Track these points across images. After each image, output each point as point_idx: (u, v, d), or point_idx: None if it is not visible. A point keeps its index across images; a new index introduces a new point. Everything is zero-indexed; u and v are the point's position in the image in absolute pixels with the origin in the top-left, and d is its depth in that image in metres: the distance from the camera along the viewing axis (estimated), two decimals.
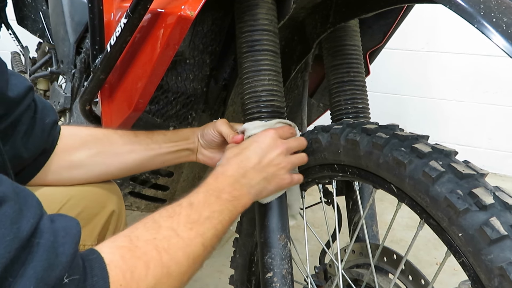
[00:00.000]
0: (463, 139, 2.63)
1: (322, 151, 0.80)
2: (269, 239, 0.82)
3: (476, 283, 0.56)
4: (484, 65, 2.45)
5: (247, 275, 1.08)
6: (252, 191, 0.74)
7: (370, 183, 0.73)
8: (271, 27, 0.86)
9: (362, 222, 0.80)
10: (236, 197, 0.70)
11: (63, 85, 1.51)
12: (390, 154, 0.64)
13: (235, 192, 0.70)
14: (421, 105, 2.67)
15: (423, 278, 0.75)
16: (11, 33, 1.90)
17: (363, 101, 0.98)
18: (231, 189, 0.70)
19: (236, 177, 0.72)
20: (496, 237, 0.51)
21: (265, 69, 0.85)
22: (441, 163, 0.59)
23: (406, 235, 1.95)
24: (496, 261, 0.51)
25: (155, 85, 0.87)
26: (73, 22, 1.32)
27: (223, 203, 0.68)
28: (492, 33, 0.53)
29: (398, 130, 0.69)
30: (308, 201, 0.95)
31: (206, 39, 1.00)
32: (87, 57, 1.26)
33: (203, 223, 0.63)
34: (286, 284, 0.80)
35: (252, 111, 0.85)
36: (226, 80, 1.08)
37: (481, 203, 0.53)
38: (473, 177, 0.57)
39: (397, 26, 1.09)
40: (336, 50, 1.00)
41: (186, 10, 0.77)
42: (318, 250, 1.01)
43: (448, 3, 0.57)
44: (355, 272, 0.89)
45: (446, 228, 0.58)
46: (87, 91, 0.98)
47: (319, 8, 1.01)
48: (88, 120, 1.08)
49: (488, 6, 0.55)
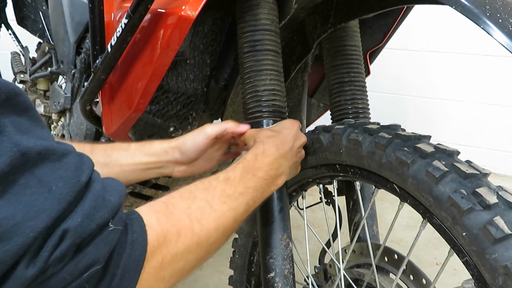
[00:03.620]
0: (463, 139, 2.63)
1: (324, 151, 0.80)
2: (270, 239, 0.82)
3: (479, 282, 0.56)
4: (484, 65, 2.45)
5: (247, 276, 1.08)
6: (286, 172, 0.77)
7: (372, 183, 0.73)
8: (272, 27, 0.86)
9: (363, 222, 0.80)
10: (272, 176, 0.73)
11: (63, 85, 1.51)
12: (393, 154, 0.64)
13: (271, 172, 0.72)
14: (421, 105, 2.67)
15: (424, 278, 0.75)
16: (11, 33, 1.90)
17: (363, 101, 0.98)
18: (268, 168, 0.72)
19: (276, 156, 0.74)
20: (500, 236, 0.51)
21: (267, 69, 0.85)
22: (444, 163, 0.59)
23: (406, 235, 1.95)
24: (500, 260, 0.51)
25: (156, 85, 0.87)
26: (73, 22, 1.32)
27: (258, 181, 0.70)
28: (498, 34, 0.53)
29: (400, 130, 0.69)
30: (308, 201, 0.95)
31: (207, 39, 1.00)
32: (87, 57, 1.26)
33: (237, 199, 0.65)
34: (288, 284, 0.80)
35: (254, 110, 0.85)
36: (226, 80, 1.07)
37: (485, 202, 0.53)
38: (477, 176, 0.57)
39: (397, 26, 1.09)
40: (336, 51, 1.00)
41: (186, 11, 0.77)
42: (318, 250, 1.01)
43: (454, 4, 0.57)
44: (356, 272, 0.89)
45: (449, 227, 0.58)
46: (88, 91, 0.97)
47: (320, 8, 1.01)
48: (89, 120, 1.08)
49: (494, 7, 0.55)
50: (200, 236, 0.57)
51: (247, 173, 0.69)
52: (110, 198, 0.46)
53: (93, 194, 0.44)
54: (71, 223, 0.41)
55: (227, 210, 0.63)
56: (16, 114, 0.40)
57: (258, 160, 0.72)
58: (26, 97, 0.43)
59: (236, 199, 0.65)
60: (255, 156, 0.72)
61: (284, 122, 0.81)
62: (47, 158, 0.41)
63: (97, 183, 0.46)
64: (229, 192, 0.65)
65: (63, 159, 0.43)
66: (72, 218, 0.41)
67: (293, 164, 0.79)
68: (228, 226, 0.63)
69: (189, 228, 0.56)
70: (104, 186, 0.47)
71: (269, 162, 0.73)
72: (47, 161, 0.41)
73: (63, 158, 0.43)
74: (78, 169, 0.44)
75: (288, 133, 0.78)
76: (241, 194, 0.66)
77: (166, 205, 0.57)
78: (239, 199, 0.65)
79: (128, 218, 0.49)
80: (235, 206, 0.64)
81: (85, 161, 0.46)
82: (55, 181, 0.41)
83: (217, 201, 0.62)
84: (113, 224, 0.45)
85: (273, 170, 0.73)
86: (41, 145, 0.41)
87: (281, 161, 0.75)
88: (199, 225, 0.57)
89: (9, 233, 0.37)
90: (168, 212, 0.55)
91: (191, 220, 0.57)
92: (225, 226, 0.62)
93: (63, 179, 0.42)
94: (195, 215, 0.58)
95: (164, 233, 0.52)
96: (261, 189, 0.70)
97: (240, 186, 0.67)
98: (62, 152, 0.43)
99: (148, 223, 0.50)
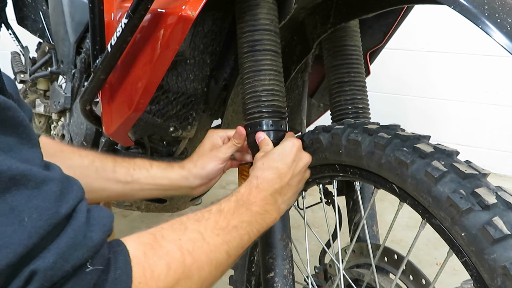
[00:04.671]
0: (463, 139, 2.63)
1: (323, 151, 0.79)
2: (270, 239, 0.82)
3: (478, 282, 0.56)
4: (484, 65, 2.45)
5: (247, 276, 1.08)
6: (282, 206, 0.74)
7: (371, 183, 0.73)
8: (272, 27, 0.86)
9: (363, 222, 0.80)
10: (268, 211, 0.70)
11: (63, 85, 1.51)
12: (392, 154, 0.64)
13: (267, 207, 0.70)
14: (421, 105, 2.67)
15: (424, 278, 0.75)
16: (11, 33, 1.89)
17: (363, 101, 0.98)
18: (264, 203, 0.69)
19: (271, 192, 0.71)
20: (499, 237, 0.51)
21: (266, 69, 0.85)
22: (443, 163, 0.59)
23: (406, 235, 1.95)
24: (499, 260, 0.51)
25: (156, 85, 0.87)
26: (73, 22, 1.32)
27: (253, 215, 0.67)
28: (497, 34, 0.53)
29: (400, 130, 0.69)
30: (308, 201, 0.95)
31: (207, 39, 1.00)
32: (87, 57, 1.26)
33: (230, 231, 0.62)
34: (287, 284, 0.80)
35: (253, 111, 0.85)
36: (226, 80, 1.07)
37: (484, 202, 0.53)
38: (476, 177, 0.57)
39: (398, 26, 1.09)
40: (336, 51, 1.00)
41: (186, 10, 0.76)
42: (318, 250, 1.01)
43: (452, 3, 0.57)
44: (355, 272, 0.89)
45: (448, 227, 0.58)
46: (88, 91, 0.97)
47: (320, 8, 1.00)
48: (89, 120, 1.08)
49: (493, 7, 0.55)
50: (192, 269, 0.54)
51: (241, 207, 0.66)
52: (92, 234, 0.42)
53: (72, 229, 0.41)
54: (41, 263, 0.37)
55: (220, 243, 0.60)
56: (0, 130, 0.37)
57: (252, 194, 0.69)
58: (18, 112, 0.40)
59: (230, 232, 0.62)
60: (249, 190, 0.70)
61: (285, 145, 0.77)
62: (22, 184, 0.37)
63: (80, 215, 0.42)
64: (223, 225, 0.62)
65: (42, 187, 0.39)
66: (43, 257, 0.37)
67: (293, 194, 0.76)
68: (221, 260, 0.60)
69: (180, 261, 0.53)
70: (89, 219, 0.43)
71: (264, 197, 0.70)
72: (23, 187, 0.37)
73: (42, 185, 0.39)
74: (59, 199, 0.40)
75: (287, 158, 0.75)
76: (234, 227, 0.63)
77: (155, 237, 0.53)
78: (233, 232, 0.63)
79: (113, 251, 0.46)
80: (228, 239, 0.61)
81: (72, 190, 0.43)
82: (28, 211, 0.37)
83: (209, 233, 0.59)
84: (92, 264, 0.41)
85: (269, 205, 0.70)
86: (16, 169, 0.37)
87: (276, 196, 0.72)
88: (191, 258, 0.54)
89: None
90: (156, 245, 0.52)
91: (182, 253, 0.54)
92: (217, 259, 0.59)
93: (38, 210, 0.38)
94: (187, 247, 0.55)
95: (152, 268, 0.49)
96: (256, 223, 0.68)
97: (234, 219, 0.64)
98: (42, 179, 0.39)
99: (133, 257, 0.47)
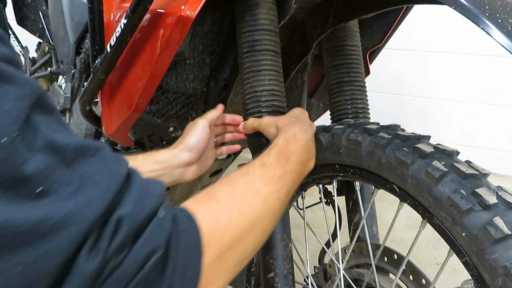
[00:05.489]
0: (463, 139, 2.63)
1: (323, 151, 0.79)
2: (270, 239, 0.81)
3: (479, 282, 0.55)
4: (484, 65, 2.45)
5: (247, 276, 1.07)
6: (315, 155, 0.78)
7: (371, 183, 0.73)
8: (271, 27, 0.86)
9: (363, 222, 0.80)
10: (305, 160, 0.73)
11: (63, 85, 1.51)
12: (392, 154, 0.64)
13: (304, 155, 0.73)
14: (421, 105, 2.67)
15: (424, 278, 0.75)
16: (11, 33, 1.89)
17: (362, 101, 0.98)
18: (301, 151, 0.73)
19: (306, 140, 0.75)
20: (500, 237, 0.51)
21: (266, 69, 0.85)
22: (443, 163, 0.59)
23: (406, 235, 1.95)
24: (500, 260, 0.51)
25: (155, 86, 0.87)
26: (73, 22, 1.32)
27: (293, 165, 0.70)
28: (498, 34, 0.53)
29: (400, 130, 0.69)
30: (308, 201, 0.95)
31: (206, 39, 0.99)
32: (87, 57, 1.26)
33: (277, 182, 0.64)
34: (287, 285, 0.80)
35: (253, 110, 0.85)
36: (226, 80, 1.07)
37: (485, 202, 0.53)
38: (476, 177, 0.57)
39: (397, 26, 1.09)
40: (336, 51, 1.00)
41: (186, 11, 0.76)
42: (318, 250, 1.01)
43: (453, 4, 0.57)
44: (355, 272, 0.89)
45: (449, 227, 0.58)
46: (87, 91, 0.97)
47: (319, 8, 1.00)
48: (88, 120, 1.08)
49: (493, 7, 0.55)
50: (252, 217, 0.55)
51: (282, 158, 0.69)
52: (152, 188, 0.45)
53: (136, 183, 0.43)
54: (123, 210, 0.40)
55: (271, 191, 0.62)
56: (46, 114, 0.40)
57: (290, 145, 0.72)
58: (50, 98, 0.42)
59: (277, 182, 0.64)
60: (287, 141, 0.72)
61: (296, 110, 0.83)
62: (83, 154, 0.40)
63: (136, 175, 0.45)
64: (269, 175, 0.64)
65: (99, 153, 0.42)
66: (123, 205, 0.41)
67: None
68: (275, 207, 0.62)
69: (239, 210, 0.54)
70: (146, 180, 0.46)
71: (301, 146, 0.73)
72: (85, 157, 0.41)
73: (98, 152, 0.42)
74: (116, 162, 0.43)
75: (307, 119, 0.82)
76: (280, 177, 0.65)
77: (208, 193, 0.55)
78: (279, 182, 0.65)
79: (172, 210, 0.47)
80: (276, 188, 0.63)
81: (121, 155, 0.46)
82: (97, 173, 0.40)
83: (259, 184, 0.61)
84: (161, 212, 0.44)
85: (305, 154, 0.74)
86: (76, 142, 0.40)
87: (311, 144, 0.76)
88: (248, 207, 0.56)
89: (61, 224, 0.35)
90: (212, 199, 0.53)
91: (239, 203, 0.55)
92: (272, 207, 0.61)
93: (105, 171, 0.41)
94: (241, 198, 0.56)
95: (214, 217, 0.50)
96: (297, 173, 0.70)
97: (278, 169, 0.66)
98: (97, 147, 0.42)
99: (194, 212, 0.48)
